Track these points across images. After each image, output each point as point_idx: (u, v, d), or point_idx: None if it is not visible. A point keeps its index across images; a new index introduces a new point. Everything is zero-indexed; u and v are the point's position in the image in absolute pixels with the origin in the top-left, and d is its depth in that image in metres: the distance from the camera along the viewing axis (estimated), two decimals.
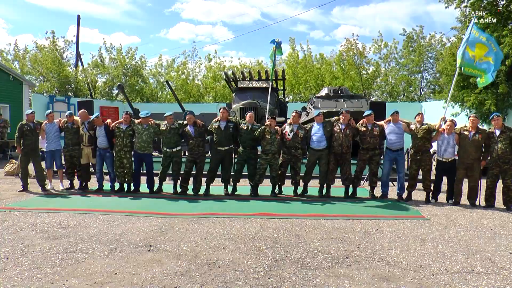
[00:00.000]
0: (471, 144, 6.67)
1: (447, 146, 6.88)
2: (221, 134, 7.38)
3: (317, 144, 7.28)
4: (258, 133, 7.24)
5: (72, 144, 7.89)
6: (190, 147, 7.45)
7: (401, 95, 24.43)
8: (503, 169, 6.53)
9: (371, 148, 7.21)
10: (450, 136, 6.88)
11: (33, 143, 7.84)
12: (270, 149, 7.24)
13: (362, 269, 3.79)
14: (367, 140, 7.19)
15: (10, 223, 5.35)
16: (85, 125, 7.85)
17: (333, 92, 11.89)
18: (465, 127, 6.91)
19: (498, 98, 12.69)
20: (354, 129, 7.28)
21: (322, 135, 7.25)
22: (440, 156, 6.96)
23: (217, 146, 7.47)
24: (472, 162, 6.71)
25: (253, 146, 7.47)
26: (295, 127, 7.34)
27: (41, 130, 7.99)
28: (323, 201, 7.01)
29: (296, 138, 7.29)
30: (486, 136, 6.70)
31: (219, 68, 26.28)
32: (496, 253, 4.27)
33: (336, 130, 7.21)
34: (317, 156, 7.33)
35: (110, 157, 7.67)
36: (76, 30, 24.49)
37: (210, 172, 7.54)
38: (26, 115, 7.91)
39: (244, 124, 7.44)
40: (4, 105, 16.60)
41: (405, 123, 7.24)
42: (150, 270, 3.71)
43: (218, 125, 7.42)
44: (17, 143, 7.82)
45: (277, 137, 7.27)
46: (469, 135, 6.71)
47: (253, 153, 7.47)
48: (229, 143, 7.49)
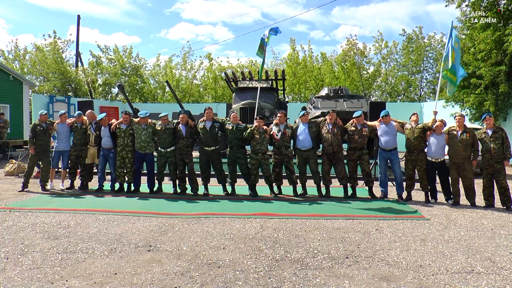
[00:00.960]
0: (459, 143, 6.70)
1: (436, 146, 6.90)
2: (206, 134, 7.37)
3: (303, 145, 7.31)
4: (247, 133, 7.25)
5: (80, 144, 7.94)
6: (179, 146, 7.45)
7: (401, 95, 24.43)
8: (496, 168, 6.55)
9: (358, 148, 7.23)
10: (440, 136, 6.90)
11: (45, 143, 7.92)
12: (260, 148, 7.26)
13: (362, 269, 3.79)
14: (355, 139, 7.20)
15: (10, 223, 5.35)
16: (92, 125, 7.89)
17: (333, 92, 11.89)
18: (453, 127, 6.94)
19: (498, 98, 12.68)
20: (341, 128, 7.31)
21: (307, 135, 7.28)
22: (430, 156, 6.98)
23: (203, 146, 7.48)
24: (463, 161, 6.72)
25: (241, 146, 7.44)
26: (282, 127, 7.37)
27: (53, 130, 8.06)
28: (323, 201, 7.01)
29: (284, 137, 7.34)
30: (474, 134, 6.74)
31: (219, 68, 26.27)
32: (496, 253, 4.27)
33: (324, 131, 7.24)
34: (304, 156, 7.35)
35: (114, 158, 7.69)
36: (76, 30, 24.53)
37: (204, 172, 7.56)
38: (39, 115, 7.97)
39: (229, 124, 7.44)
40: (4, 105, 16.61)
41: (397, 123, 7.26)
42: (150, 270, 3.71)
43: (203, 125, 7.41)
44: (31, 143, 7.87)
45: (266, 136, 7.30)
46: (457, 135, 6.75)
47: (241, 153, 7.44)
48: (215, 143, 7.47)
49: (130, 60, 24.78)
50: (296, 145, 7.42)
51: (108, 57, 24.92)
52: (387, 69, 24.31)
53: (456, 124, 6.87)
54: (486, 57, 12.83)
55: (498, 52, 12.50)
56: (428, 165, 7.01)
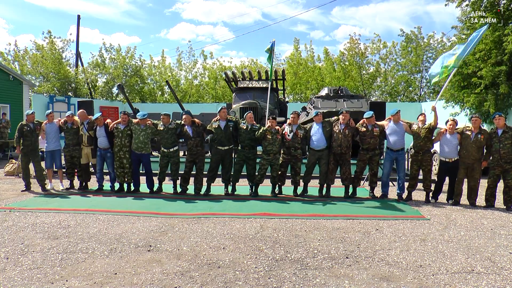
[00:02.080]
0: (472, 145, 6.64)
1: (450, 146, 6.85)
2: (221, 134, 7.38)
3: (317, 144, 7.28)
4: (259, 133, 7.24)
5: (72, 145, 7.89)
6: (189, 147, 7.45)
7: (401, 95, 24.42)
8: (505, 169, 6.51)
9: (371, 149, 7.20)
10: (453, 136, 6.85)
11: (33, 143, 7.84)
12: (272, 149, 7.25)
13: (362, 269, 3.79)
14: (367, 140, 7.18)
15: (10, 223, 5.35)
16: (84, 125, 7.86)
17: (333, 92, 11.89)
18: (467, 127, 6.87)
19: (498, 98, 12.68)
20: (354, 129, 7.27)
21: (321, 135, 7.25)
22: (443, 157, 6.94)
23: (217, 145, 7.47)
24: (473, 163, 6.69)
25: (252, 146, 7.45)
26: (294, 128, 7.35)
27: (41, 130, 7.99)
28: (323, 201, 7.01)
29: (295, 138, 7.30)
30: (488, 136, 6.66)
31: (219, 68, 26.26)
32: (496, 253, 4.27)
33: (336, 131, 7.21)
34: (317, 156, 7.33)
35: (111, 157, 7.67)
36: (76, 30, 24.52)
37: (211, 171, 7.54)
38: (26, 115, 7.90)
39: (243, 124, 7.44)
40: (4, 105, 16.61)
41: (406, 123, 7.23)
42: (150, 270, 3.71)
43: (218, 125, 7.42)
44: (17, 143, 7.82)
45: (278, 137, 7.28)
46: (471, 135, 6.68)
47: (252, 153, 7.45)
48: (230, 143, 7.49)
49: (131, 60, 24.80)
50: (310, 145, 7.39)
51: (112, 56, 24.94)
52: (386, 69, 24.31)
53: (472, 125, 6.78)
54: (486, 57, 12.83)
55: (498, 52, 12.50)
56: (442, 165, 6.99)
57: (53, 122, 8.03)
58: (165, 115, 7.53)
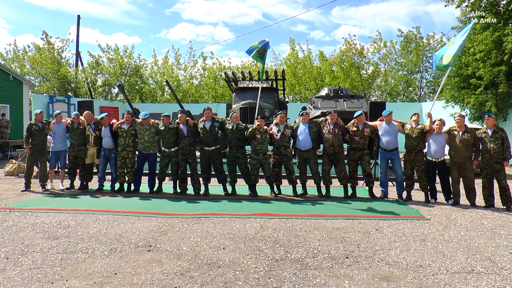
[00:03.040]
0: (461, 144, 6.69)
1: (436, 145, 6.89)
2: (206, 134, 7.38)
3: (303, 145, 7.31)
4: (249, 133, 7.25)
5: (78, 145, 7.91)
6: (182, 145, 7.46)
7: (401, 95, 24.43)
8: (496, 168, 6.55)
9: (359, 148, 7.22)
10: (440, 135, 6.89)
11: (41, 143, 7.92)
12: (261, 148, 7.27)
13: (362, 269, 3.79)
14: (356, 140, 7.19)
15: (10, 223, 5.35)
16: (91, 125, 7.89)
17: (333, 92, 11.89)
18: (453, 127, 6.93)
19: (498, 98, 12.68)
20: (343, 127, 7.30)
21: (307, 135, 7.29)
22: (430, 156, 6.98)
23: (203, 146, 7.48)
24: (464, 161, 6.72)
25: (240, 146, 7.43)
26: (282, 127, 7.37)
27: (49, 130, 8.04)
28: (323, 201, 7.00)
29: (284, 137, 7.35)
30: (475, 135, 6.73)
31: (219, 68, 26.26)
32: (496, 253, 4.27)
33: (325, 131, 7.23)
34: (304, 156, 7.36)
35: (115, 158, 7.69)
36: (76, 30, 24.52)
37: (204, 172, 7.56)
38: (35, 115, 7.96)
39: (229, 124, 7.44)
40: (4, 105, 16.61)
41: (398, 123, 7.25)
42: (150, 270, 3.71)
43: (203, 125, 7.42)
44: (26, 143, 7.88)
45: (267, 136, 7.31)
46: (458, 135, 6.74)
47: (241, 153, 7.43)
48: (216, 143, 7.47)
49: (130, 60, 24.78)
50: (296, 145, 7.43)
51: (109, 57, 24.91)
52: (386, 69, 24.31)
53: (456, 124, 6.87)
54: (485, 58, 12.83)
55: (498, 52, 12.50)
56: (429, 165, 7.01)
57: (61, 123, 8.05)
58: (165, 117, 7.54)
